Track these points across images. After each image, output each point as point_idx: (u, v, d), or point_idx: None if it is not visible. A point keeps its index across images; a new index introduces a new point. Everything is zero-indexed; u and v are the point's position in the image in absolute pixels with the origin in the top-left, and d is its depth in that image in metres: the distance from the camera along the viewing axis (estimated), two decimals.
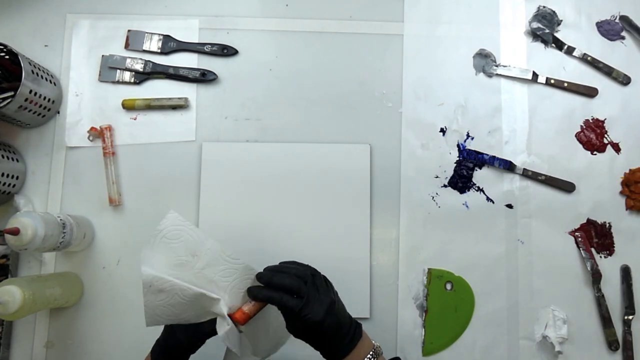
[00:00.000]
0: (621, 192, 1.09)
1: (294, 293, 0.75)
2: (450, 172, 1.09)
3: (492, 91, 1.11)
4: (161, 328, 0.83)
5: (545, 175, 1.08)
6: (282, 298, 0.74)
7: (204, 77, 1.09)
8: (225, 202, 1.05)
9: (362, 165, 1.07)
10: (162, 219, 0.79)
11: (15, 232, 0.86)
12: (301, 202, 1.05)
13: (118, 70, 1.10)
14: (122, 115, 1.09)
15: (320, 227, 1.04)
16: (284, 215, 1.05)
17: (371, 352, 0.77)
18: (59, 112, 1.09)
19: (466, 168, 1.08)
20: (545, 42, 1.13)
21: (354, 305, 0.95)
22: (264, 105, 1.10)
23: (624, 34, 1.13)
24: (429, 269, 1.05)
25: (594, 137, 1.10)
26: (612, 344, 1.04)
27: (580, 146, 1.10)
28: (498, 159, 1.08)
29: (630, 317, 1.05)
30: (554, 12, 1.13)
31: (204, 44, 1.11)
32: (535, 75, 1.11)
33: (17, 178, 1.04)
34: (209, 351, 0.85)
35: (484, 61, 1.12)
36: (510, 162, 1.08)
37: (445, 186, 1.08)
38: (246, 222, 1.04)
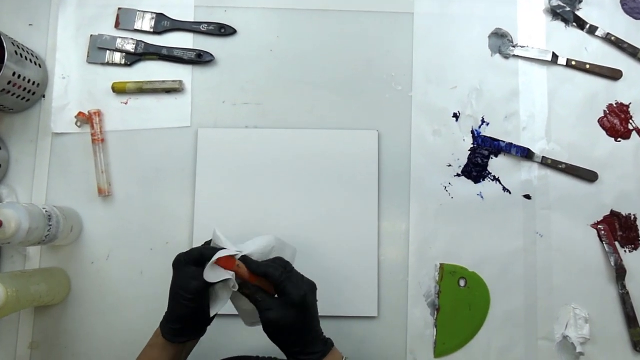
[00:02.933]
0: None
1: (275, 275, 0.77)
2: (464, 161, 1.06)
3: (509, 74, 1.09)
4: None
5: (566, 164, 1.05)
6: (267, 268, 0.77)
7: (200, 59, 1.07)
8: (222, 192, 1.03)
9: (369, 153, 1.05)
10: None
11: None
12: (304, 192, 1.04)
13: (108, 51, 1.08)
14: (112, 99, 1.07)
15: (324, 220, 1.03)
16: (286, 207, 1.03)
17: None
18: (44, 96, 1.07)
19: (481, 156, 1.06)
20: (566, 21, 1.11)
21: (360, 303, 0.98)
22: (265, 89, 1.08)
23: None
24: (441, 265, 1.03)
25: (618, 122, 1.08)
26: (637, 345, 1.02)
27: (604, 132, 1.07)
28: (515, 146, 1.06)
29: None
30: None
31: (200, 23, 1.09)
32: (555, 56, 1.09)
33: None
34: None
35: (500, 41, 1.10)
36: (529, 150, 1.06)
37: (458, 175, 1.06)
38: (245, 213, 1.03)
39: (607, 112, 1.08)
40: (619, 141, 1.08)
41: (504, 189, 1.06)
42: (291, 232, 1.01)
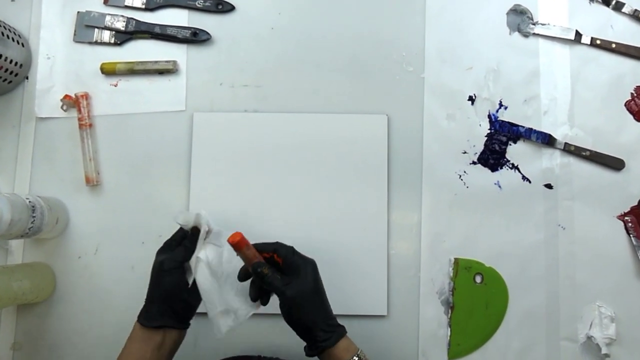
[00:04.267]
0: None
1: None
2: (480, 147, 1.04)
3: (529, 53, 1.06)
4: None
5: (590, 151, 1.02)
6: (275, 245, 0.81)
7: (196, 37, 1.05)
8: (219, 181, 1.01)
9: (378, 138, 1.03)
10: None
11: None
12: (307, 181, 1.02)
13: (96, 29, 1.06)
14: (100, 81, 1.05)
15: (329, 211, 1.01)
16: (287, 198, 1.01)
17: (357, 355, 0.78)
18: (27, 78, 1.06)
19: (499, 142, 1.03)
20: None
21: (369, 301, 0.97)
22: (265, 70, 1.06)
23: None
24: (455, 259, 1.01)
25: None
26: None
27: (631, 117, 1.04)
28: (535, 131, 1.03)
29: None
30: None
31: None
32: (578, 34, 1.05)
33: None
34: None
35: (519, 18, 1.07)
36: (550, 136, 1.03)
37: (474, 163, 1.03)
38: (244, 204, 1.01)
39: (635, 94, 1.05)
40: None
41: (524, 177, 1.03)
42: (293, 225, 1.00)
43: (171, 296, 0.81)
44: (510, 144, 1.04)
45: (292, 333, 0.81)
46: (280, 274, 0.79)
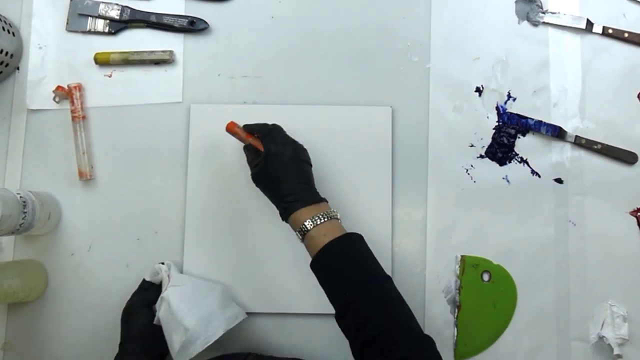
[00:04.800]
0: None
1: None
2: (488, 140, 1.03)
3: (538, 43, 1.05)
4: None
5: (602, 144, 1.01)
6: (256, 125, 0.90)
7: (193, 26, 1.04)
8: (217, 175, 1.00)
9: (382, 131, 1.01)
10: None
11: None
12: None
13: (90, 18, 1.05)
14: (94, 71, 1.04)
15: (331, 206, 0.94)
16: None
17: (322, 213, 0.82)
18: (18, 69, 1.05)
19: (507, 135, 1.02)
20: None
21: None
22: (265, 60, 1.05)
23: None
24: (462, 257, 1.00)
25: None
26: None
27: None
28: (545, 124, 1.02)
29: None
30: None
31: None
32: (589, 23, 1.04)
33: None
34: None
35: (529, 7, 1.05)
36: (560, 128, 1.02)
37: (481, 157, 1.02)
38: (242, 199, 0.99)
39: None
40: None
41: (533, 172, 1.02)
42: None
43: (143, 335, 0.87)
44: (519, 137, 1.03)
45: (286, 331, 0.87)
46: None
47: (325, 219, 0.81)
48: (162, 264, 0.93)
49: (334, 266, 0.79)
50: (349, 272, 0.78)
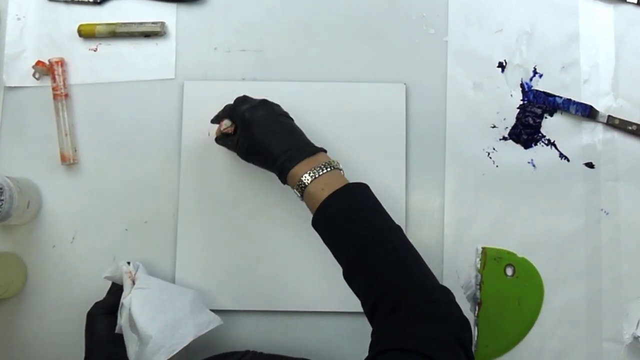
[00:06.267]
0: None
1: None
2: (512, 121, 1.00)
3: (567, 13, 1.03)
4: None
5: (637, 125, 0.99)
6: (220, 113, 0.90)
7: None
8: (213, 159, 0.98)
9: (395, 110, 0.99)
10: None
11: None
12: None
13: None
14: (78, 45, 1.02)
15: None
16: None
17: (322, 164, 0.80)
18: None
19: (532, 115, 1.00)
20: None
21: None
22: (266, 32, 1.03)
23: None
24: (483, 249, 0.97)
25: None
26: None
27: None
28: (575, 103, 0.99)
29: None
30: None
31: None
32: None
33: None
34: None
35: None
36: (591, 107, 0.99)
37: (504, 139, 1.00)
38: (240, 185, 0.98)
39: None
40: None
41: (561, 155, 1.00)
42: (297, 211, 0.93)
43: (106, 343, 0.85)
44: (545, 117, 1.01)
45: (284, 329, 0.89)
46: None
47: (325, 170, 0.79)
48: (128, 263, 0.89)
49: (335, 222, 0.76)
50: (352, 226, 0.75)
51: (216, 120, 0.90)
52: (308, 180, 0.77)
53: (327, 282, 0.93)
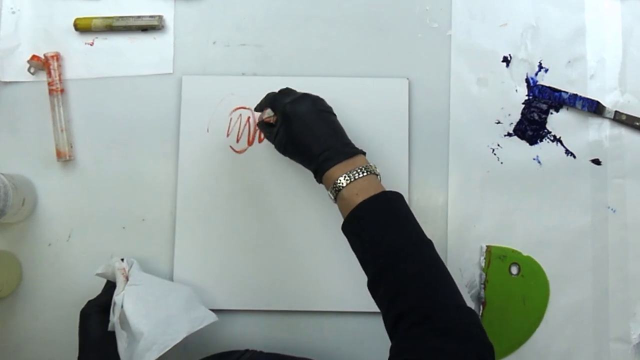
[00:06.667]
0: None
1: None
2: (517, 116, 1.00)
3: (573, 7, 1.02)
4: None
5: None
6: (262, 101, 0.89)
7: None
8: (212, 155, 0.97)
9: (397, 106, 0.98)
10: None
11: None
12: None
13: None
14: (74, 39, 1.01)
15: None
16: (292, 175, 0.97)
17: (359, 167, 0.78)
18: None
19: (538, 110, 1.00)
20: None
21: None
22: (266, 26, 1.02)
23: None
24: (487, 247, 0.97)
25: None
26: None
27: None
28: (581, 98, 0.99)
29: None
30: None
31: None
32: None
33: None
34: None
35: None
36: (598, 103, 0.99)
37: (509, 135, 0.99)
38: (241, 183, 0.97)
39: None
40: None
41: (567, 152, 0.99)
42: (297, 209, 0.96)
43: (99, 342, 0.84)
44: (551, 113, 1.00)
45: (284, 328, 0.89)
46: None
47: (362, 174, 0.77)
48: (122, 260, 0.89)
49: (366, 229, 0.75)
50: (383, 235, 0.74)
51: (259, 107, 0.89)
52: (343, 183, 0.77)
53: (327, 281, 0.93)
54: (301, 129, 0.82)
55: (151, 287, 0.87)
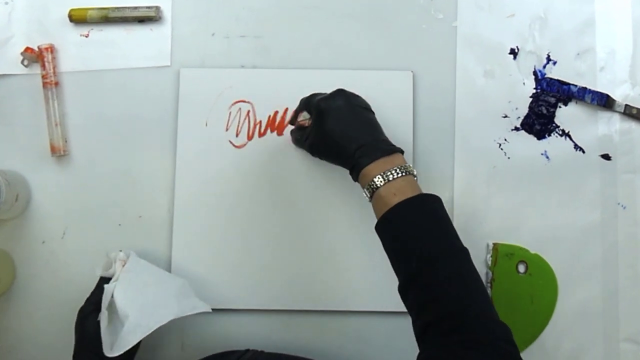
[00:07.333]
0: None
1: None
2: (525, 110, 0.99)
3: None
4: None
5: None
6: (297, 107, 0.89)
7: None
8: (211, 150, 0.96)
9: (401, 99, 0.97)
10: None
11: None
12: None
13: None
14: (69, 30, 1.00)
15: (341, 187, 0.96)
16: (292, 171, 0.97)
17: (396, 167, 0.76)
18: None
19: (546, 104, 0.99)
20: None
21: (392, 295, 0.90)
22: (266, 17, 1.01)
23: None
24: (494, 245, 0.96)
25: None
26: None
27: None
28: (590, 91, 0.98)
29: None
30: None
31: None
32: None
33: None
34: None
35: None
36: (608, 96, 0.98)
37: (517, 129, 0.99)
38: (240, 179, 0.96)
39: None
40: None
41: (576, 146, 0.98)
42: (297, 205, 0.96)
43: (95, 340, 0.81)
44: (560, 107, 0.99)
45: (284, 328, 0.89)
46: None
47: (399, 174, 0.76)
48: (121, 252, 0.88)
49: (402, 230, 0.75)
50: (419, 239, 0.73)
51: (293, 118, 0.90)
52: (381, 182, 0.76)
53: (329, 280, 0.93)
54: (336, 124, 0.81)
55: (144, 274, 0.86)
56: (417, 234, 0.74)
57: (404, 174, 0.76)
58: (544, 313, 0.95)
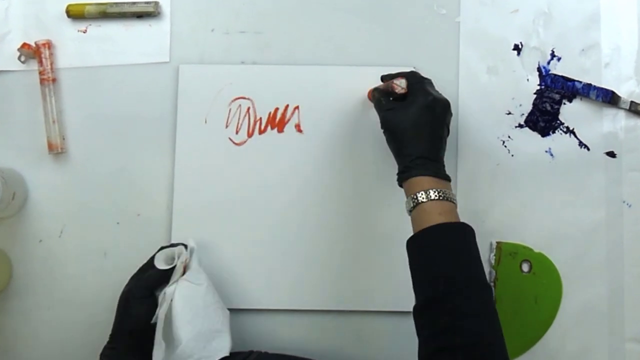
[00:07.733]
0: None
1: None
2: (529, 107, 0.98)
3: None
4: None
5: None
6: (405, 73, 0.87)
7: None
8: (211, 148, 0.96)
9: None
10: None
11: None
12: (315, 150, 0.97)
13: None
14: (66, 26, 0.99)
15: (342, 186, 0.96)
16: (292, 171, 0.96)
17: (445, 190, 0.77)
18: None
19: (550, 101, 0.98)
20: None
21: (396, 294, 0.95)
22: (266, 13, 1.00)
23: None
24: (497, 243, 0.95)
25: None
26: None
27: None
28: (595, 88, 0.97)
29: None
30: None
31: None
32: None
33: None
34: None
35: None
36: (613, 93, 0.97)
37: (520, 126, 0.98)
38: (241, 177, 0.96)
39: None
40: None
41: (581, 144, 0.98)
42: (298, 204, 0.95)
43: (140, 330, 0.81)
44: (564, 103, 0.98)
45: (287, 328, 0.89)
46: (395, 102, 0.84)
47: (448, 198, 0.77)
48: (185, 246, 0.85)
49: (437, 252, 0.75)
50: (453, 265, 0.74)
51: (388, 77, 0.87)
52: (427, 197, 0.76)
53: (331, 280, 0.92)
54: (431, 123, 0.81)
55: (203, 291, 0.84)
56: (452, 260, 0.74)
57: (448, 200, 0.77)
58: (548, 312, 0.95)
